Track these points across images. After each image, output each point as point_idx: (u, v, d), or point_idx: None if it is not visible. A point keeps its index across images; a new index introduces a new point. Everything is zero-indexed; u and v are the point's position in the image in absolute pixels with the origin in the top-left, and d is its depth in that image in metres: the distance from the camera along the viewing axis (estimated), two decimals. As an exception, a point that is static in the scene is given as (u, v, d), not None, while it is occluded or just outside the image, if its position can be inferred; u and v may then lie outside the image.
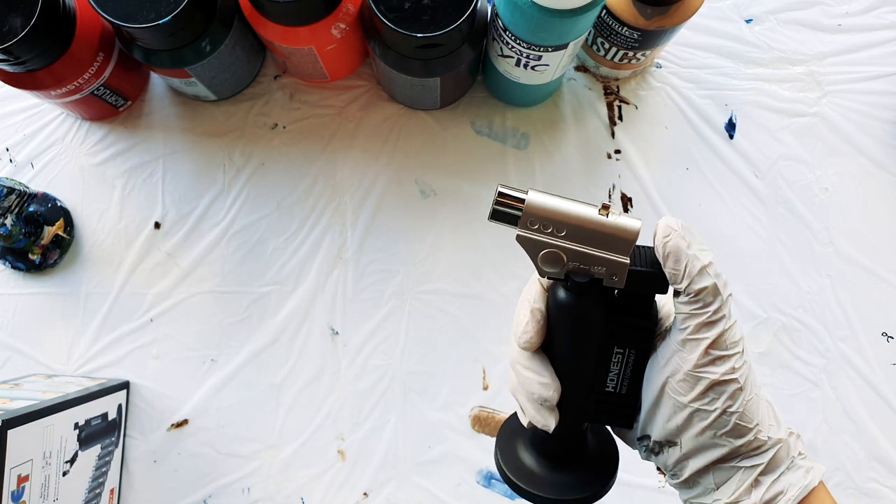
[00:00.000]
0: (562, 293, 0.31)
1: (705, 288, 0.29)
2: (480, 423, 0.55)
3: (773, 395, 0.55)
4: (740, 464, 0.31)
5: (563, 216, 0.30)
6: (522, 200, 0.30)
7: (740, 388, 0.30)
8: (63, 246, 0.56)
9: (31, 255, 0.55)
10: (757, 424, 0.30)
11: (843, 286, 0.56)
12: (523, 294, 0.33)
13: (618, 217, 0.30)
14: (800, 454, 0.31)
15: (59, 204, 0.56)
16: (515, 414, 0.37)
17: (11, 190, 0.51)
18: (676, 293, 0.30)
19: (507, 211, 0.30)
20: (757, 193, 0.57)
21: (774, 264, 0.57)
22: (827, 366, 0.56)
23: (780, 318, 0.56)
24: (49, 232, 0.55)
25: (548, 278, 0.31)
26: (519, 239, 0.30)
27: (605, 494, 0.34)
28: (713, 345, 0.29)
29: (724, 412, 0.30)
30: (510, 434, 0.36)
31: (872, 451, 0.55)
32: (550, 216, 0.30)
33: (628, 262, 0.30)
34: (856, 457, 0.55)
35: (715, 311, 0.29)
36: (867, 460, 0.55)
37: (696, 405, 0.30)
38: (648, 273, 0.30)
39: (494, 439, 0.37)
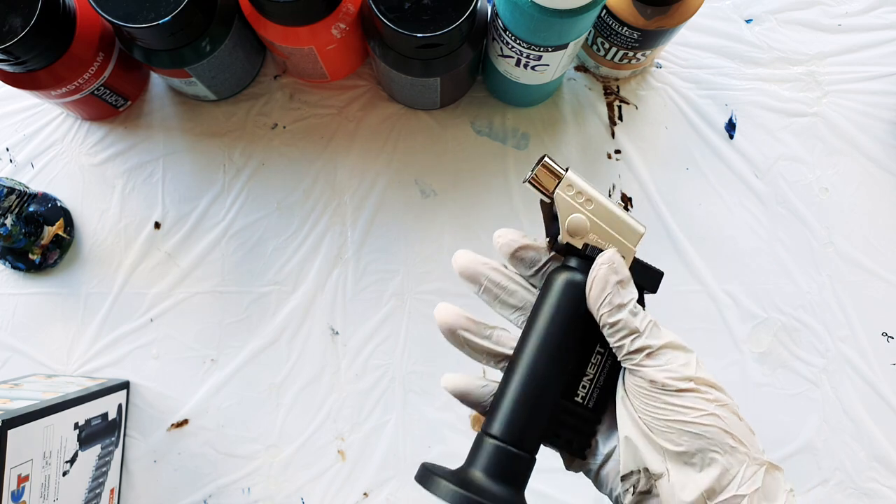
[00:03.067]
0: (562, 272, 0.32)
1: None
2: (480, 423, 0.55)
3: (773, 395, 0.55)
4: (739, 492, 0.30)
5: (594, 194, 0.32)
6: (566, 170, 0.32)
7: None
8: (63, 246, 0.56)
9: (31, 255, 0.55)
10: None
11: (843, 286, 0.56)
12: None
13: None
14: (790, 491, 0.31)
15: (59, 204, 0.56)
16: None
17: (11, 190, 0.51)
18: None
19: (548, 174, 0.32)
20: (757, 193, 0.57)
21: (774, 264, 0.57)
22: (827, 366, 0.56)
23: (779, 318, 0.56)
24: (49, 232, 0.55)
25: (557, 251, 0.33)
26: (557, 198, 0.32)
27: None
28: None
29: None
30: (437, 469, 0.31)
31: (872, 451, 0.55)
32: (585, 189, 0.32)
33: (636, 250, 0.32)
34: (856, 457, 0.55)
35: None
36: (867, 460, 0.55)
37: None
38: (651, 267, 0.32)
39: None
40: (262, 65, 0.58)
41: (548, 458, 0.54)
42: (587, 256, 0.32)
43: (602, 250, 0.31)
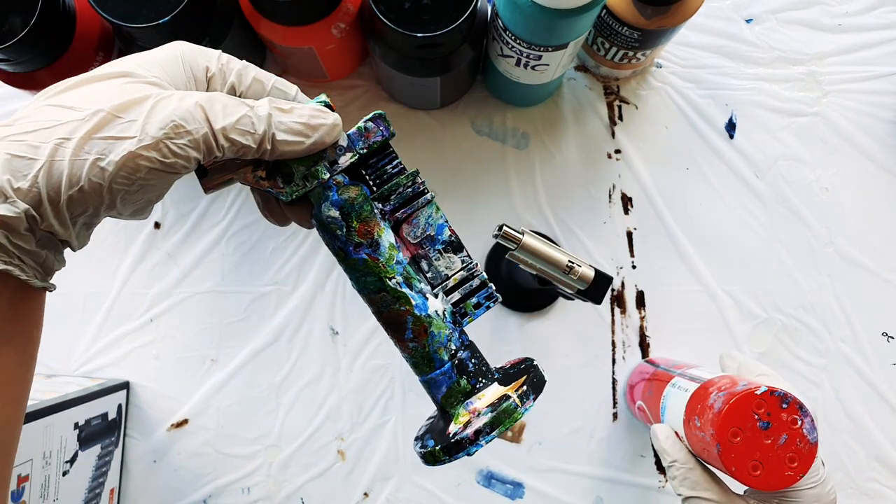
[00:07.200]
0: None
1: None
2: (480, 422, 0.55)
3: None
4: None
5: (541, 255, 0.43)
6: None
7: None
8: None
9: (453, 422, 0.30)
10: None
11: (844, 286, 0.56)
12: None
13: (580, 269, 0.43)
14: None
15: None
16: None
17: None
18: None
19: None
20: (757, 193, 0.57)
21: (774, 264, 0.57)
22: (827, 366, 0.56)
23: (780, 318, 0.56)
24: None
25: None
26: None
27: None
28: None
29: None
30: None
31: (872, 451, 0.55)
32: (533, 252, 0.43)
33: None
34: (856, 457, 0.55)
35: None
36: (867, 460, 0.55)
37: None
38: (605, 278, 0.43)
39: None
40: (263, 64, 0.58)
41: (547, 457, 0.54)
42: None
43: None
